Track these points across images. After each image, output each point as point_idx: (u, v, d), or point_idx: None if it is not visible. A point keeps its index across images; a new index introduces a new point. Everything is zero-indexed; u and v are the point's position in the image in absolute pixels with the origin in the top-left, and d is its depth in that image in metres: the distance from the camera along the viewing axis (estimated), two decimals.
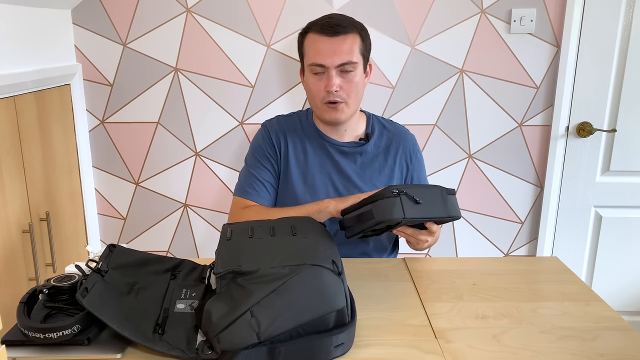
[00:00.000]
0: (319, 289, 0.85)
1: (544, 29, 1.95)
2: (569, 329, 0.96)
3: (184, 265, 1.10)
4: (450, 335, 0.93)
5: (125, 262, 1.02)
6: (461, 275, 1.17)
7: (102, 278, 0.94)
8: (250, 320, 0.81)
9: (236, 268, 0.87)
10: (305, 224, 1.05)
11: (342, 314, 0.86)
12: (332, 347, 0.84)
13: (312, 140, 1.38)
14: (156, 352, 0.86)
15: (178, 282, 1.04)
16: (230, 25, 1.95)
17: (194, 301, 0.98)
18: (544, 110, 2.02)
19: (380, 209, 1.06)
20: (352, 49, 1.26)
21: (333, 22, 1.26)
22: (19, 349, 0.86)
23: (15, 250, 1.58)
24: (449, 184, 2.10)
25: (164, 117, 2.03)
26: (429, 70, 1.99)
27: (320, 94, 1.28)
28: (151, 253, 1.10)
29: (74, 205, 1.96)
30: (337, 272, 0.89)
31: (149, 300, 0.96)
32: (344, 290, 0.88)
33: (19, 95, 1.61)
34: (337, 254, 0.96)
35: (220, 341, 0.81)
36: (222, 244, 0.97)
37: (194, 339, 0.87)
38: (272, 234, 0.99)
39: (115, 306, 0.90)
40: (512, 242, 2.16)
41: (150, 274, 1.04)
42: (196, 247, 2.16)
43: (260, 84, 2.01)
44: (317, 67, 1.27)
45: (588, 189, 2.07)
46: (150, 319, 0.91)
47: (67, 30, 1.93)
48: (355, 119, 1.38)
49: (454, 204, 1.14)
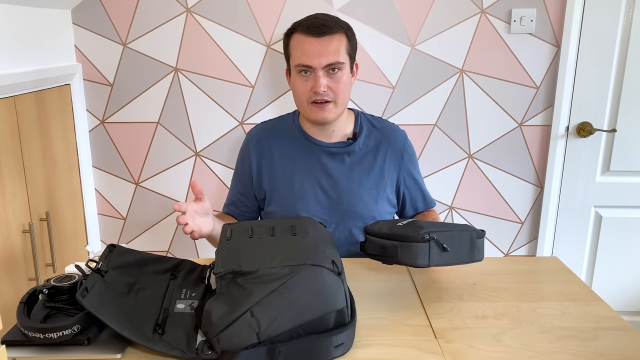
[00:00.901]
0: (318, 289, 0.85)
1: (544, 29, 1.95)
2: (569, 329, 0.96)
3: (184, 265, 1.10)
4: (450, 335, 0.93)
5: (125, 262, 1.02)
6: (461, 275, 1.17)
7: (102, 278, 0.94)
8: (250, 320, 0.81)
9: (236, 268, 0.87)
10: (306, 224, 1.05)
11: (342, 314, 0.86)
12: (332, 347, 0.84)
13: (298, 144, 1.37)
14: (156, 352, 0.86)
15: (178, 282, 1.04)
16: (230, 25, 1.95)
17: (194, 301, 0.98)
18: (544, 110, 2.02)
19: (407, 251, 1.03)
20: (339, 49, 1.25)
21: (319, 22, 1.25)
22: (19, 349, 0.86)
23: (15, 250, 1.58)
24: (449, 184, 2.10)
25: (164, 117, 2.03)
26: (429, 70, 1.99)
27: (307, 94, 1.27)
28: (151, 253, 1.10)
29: (74, 205, 1.96)
30: (337, 272, 0.89)
31: (149, 300, 0.96)
32: (344, 290, 0.88)
33: (19, 95, 1.61)
34: (337, 254, 0.96)
35: (220, 341, 0.81)
36: (222, 244, 0.97)
37: (194, 339, 0.87)
38: (272, 234, 0.99)
39: (115, 306, 0.90)
40: (512, 242, 2.16)
41: (150, 274, 1.04)
42: (196, 247, 2.16)
43: (260, 84, 2.01)
44: (304, 67, 1.26)
45: (588, 189, 2.07)
46: (150, 319, 0.91)
47: (67, 30, 1.93)
48: (344, 119, 1.37)
49: (480, 248, 1.10)
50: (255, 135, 1.43)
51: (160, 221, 2.14)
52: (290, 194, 1.36)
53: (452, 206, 2.12)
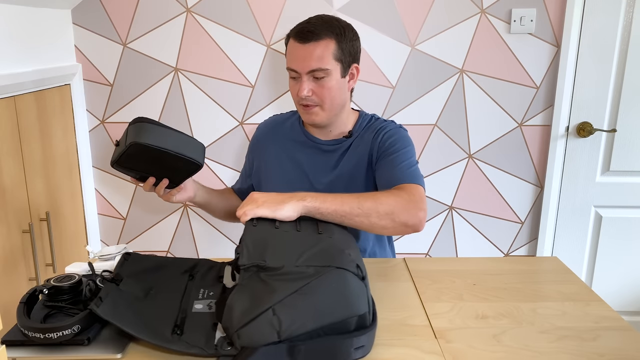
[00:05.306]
0: (342, 293, 0.84)
1: (544, 29, 1.95)
2: (569, 329, 0.96)
3: (201, 265, 1.11)
4: (450, 335, 0.93)
5: (141, 268, 1.03)
6: (461, 275, 1.17)
7: (116, 287, 0.95)
8: (271, 318, 0.81)
9: (261, 263, 0.86)
10: (330, 222, 1.05)
11: (363, 317, 0.86)
12: (352, 348, 0.83)
13: (297, 139, 1.41)
14: (159, 351, 0.86)
15: (195, 283, 1.04)
16: (230, 25, 1.95)
17: (212, 301, 0.98)
18: (544, 110, 2.02)
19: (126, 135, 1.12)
20: (323, 56, 1.25)
21: (307, 28, 1.26)
22: (19, 349, 0.86)
23: (15, 250, 1.58)
24: (449, 184, 2.10)
25: (164, 117, 2.02)
26: (429, 70, 1.99)
27: (296, 97, 1.31)
28: (168, 257, 1.12)
29: (74, 205, 1.96)
30: (361, 276, 0.88)
31: (166, 303, 0.96)
32: (367, 295, 0.87)
33: (19, 95, 1.61)
34: (360, 257, 0.95)
35: (241, 337, 0.81)
36: (248, 231, 0.97)
37: (213, 337, 0.87)
38: (297, 228, 0.99)
39: (130, 311, 0.90)
40: (512, 242, 2.16)
41: (167, 277, 1.04)
42: (196, 247, 2.16)
43: (260, 84, 2.01)
44: (292, 71, 1.30)
45: (588, 189, 2.07)
46: (169, 320, 0.91)
47: (67, 30, 1.93)
48: (342, 119, 1.37)
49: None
50: (262, 130, 1.50)
51: (160, 221, 2.14)
52: (281, 185, 1.38)
53: (452, 206, 2.12)
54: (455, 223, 2.14)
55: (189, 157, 1.15)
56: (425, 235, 2.15)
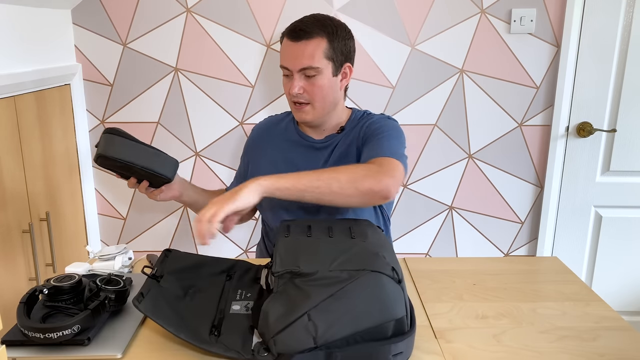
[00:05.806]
0: (378, 296, 0.83)
1: (544, 29, 1.95)
2: (569, 329, 0.96)
3: (239, 266, 1.11)
4: (450, 335, 0.93)
5: (181, 266, 1.03)
6: (461, 275, 1.17)
7: (157, 283, 0.95)
8: (307, 324, 0.81)
9: (294, 269, 0.86)
10: (364, 226, 1.03)
11: (401, 322, 0.84)
12: (390, 355, 0.82)
13: (291, 139, 1.42)
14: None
15: (233, 284, 1.05)
16: (230, 25, 1.95)
17: (249, 302, 0.98)
18: (544, 110, 2.02)
19: None
20: (314, 54, 1.26)
21: (300, 26, 1.28)
22: (19, 349, 0.86)
23: (15, 250, 1.58)
24: (449, 184, 2.10)
25: (164, 117, 2.03)
26: (429, 70, 1.99)
27: (289, 95, 1.32)
28: (207, 256, 1.12)
29: (74, 205, 1.96)
30: (398, 279, 0.86)
31: (204, 303, 0.97)
32: (404, 298, 0.86)
33: (19, 95, 1.61)
34: (396, 260, 0.94)
35: (277, 343, 0.81)
36: (280, 241, 0.96)
37: (250, 340, 0.87)
38: (330, 234, 0.98)
39: (170, 310, 0.90)
40: (512, 242, 2.16)
41: (205, 277, 1.05)
42: (196, 247, 2.16)
43: (260, 84, 2.01)
44: (284, 69, 1.31)
45: (588, 189, 2.07)
46: (207, 321, 0.92)
47: (67, 30, 1.93)
48: (335, 118, 1.38)
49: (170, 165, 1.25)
50: (255, 133, 1.51)
51: (160, 221, 2.14)
52: None
53: (452, 206, 2.12)
54: (455, 223, 2.14)
55: (156, 172, 1.22)
56: (425, 235, 2.15)
